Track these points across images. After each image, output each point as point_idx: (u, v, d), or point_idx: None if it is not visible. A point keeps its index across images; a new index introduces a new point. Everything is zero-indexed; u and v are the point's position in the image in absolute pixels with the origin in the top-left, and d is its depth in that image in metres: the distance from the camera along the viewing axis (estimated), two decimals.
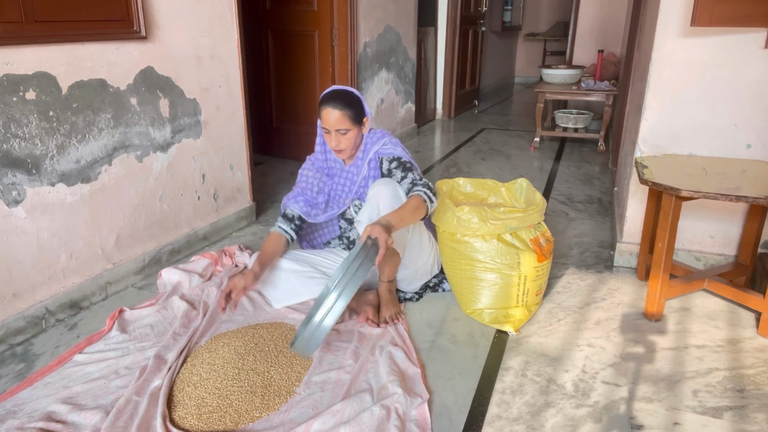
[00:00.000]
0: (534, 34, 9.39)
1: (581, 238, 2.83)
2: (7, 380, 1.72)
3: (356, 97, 2.03)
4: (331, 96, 1.99)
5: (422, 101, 5.66)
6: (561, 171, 4.11)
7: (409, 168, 2.05)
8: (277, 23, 4.07)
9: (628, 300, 2.22)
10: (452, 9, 5.76)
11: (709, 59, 2.15)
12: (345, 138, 2.01)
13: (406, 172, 2.04)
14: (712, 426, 1.53)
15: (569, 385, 1.70)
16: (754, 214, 2.17)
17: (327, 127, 2.00)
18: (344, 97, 1.99)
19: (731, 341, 1.93)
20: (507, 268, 1.96)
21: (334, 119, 1.97)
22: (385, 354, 1.79)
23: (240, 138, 2.91)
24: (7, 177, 1.83)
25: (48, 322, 2.01)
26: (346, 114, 1.97)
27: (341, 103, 1.97)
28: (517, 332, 1.98)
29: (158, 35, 2.32)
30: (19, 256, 1.91)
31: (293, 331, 1.94)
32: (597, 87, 4.59)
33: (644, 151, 2.34)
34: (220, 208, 2.84)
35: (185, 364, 1.74)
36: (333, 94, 2.01)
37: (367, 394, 1.59)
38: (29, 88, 1.86)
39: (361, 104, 2.04)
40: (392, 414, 1.51)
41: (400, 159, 2.06)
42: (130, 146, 2.27)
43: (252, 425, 1.50)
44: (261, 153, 4.37)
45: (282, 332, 1.93)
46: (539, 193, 2.15)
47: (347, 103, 1.98)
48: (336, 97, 1.98)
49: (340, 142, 2.01)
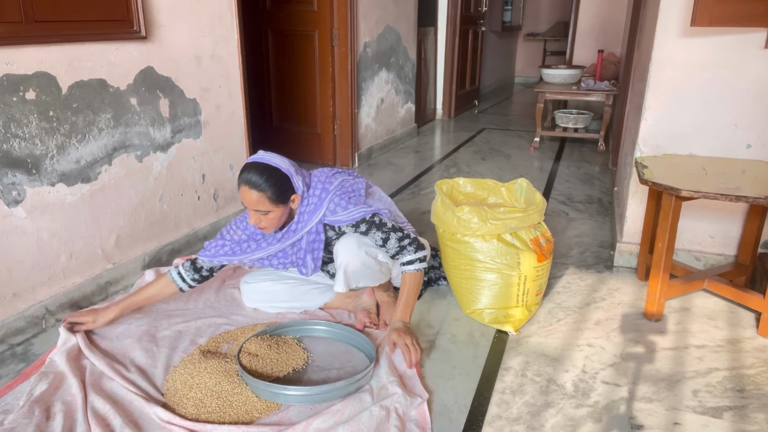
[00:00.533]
0: (534, 34, 9.39)
1: (581, 238, 2.83)
2: (7, 380, 1.72)
3: (280, 175, 1.71)
4: (252, 170, 1.69)
5: (422, 101, 5.66)
6: (561, 171, 4.11)
7: (380, 225, 1.82)
8: (277, 23, 4.07)
9: (628, 300, 2.22)
10: (452, 9, 5.76)
11: (709, 59, 2.15)
12: (266, 218, 1.74)
13: (384, 232, 1.82)
14: (712, 426, 1.53)
15: (569, 385, 1.70)
16: (754, 214, 2.17)
17: (244, 204, 1.73)
18: (265, 174, 1.68)
19: (731, 341, 1.93)
20: (507, 268, 1.96)
21: (251, 200, 1.70)
22: (385, 355, 1.79)
23: (240, 138, 2.91)
24: (7, 177, 1.83)
25: (48, 322, 2.01)
26: (265, 196, 1.68)
27: (262, 181, 1.68)
28: (517, 332, 1.98)
29: (158, 35, 2.32)
30: (19, 256, 1.91)
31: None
32: (597, 87, 4.59)
33: (644, 151, 2.34)
34: (220, 208, 2.84)
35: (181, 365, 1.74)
36: (254, 167, 1.70)
37: (366, 395, 1.59)
38: (29, 88, 1.86)
39: (287, 182, 1.73)
40: (392, 414, 1.51)
41: (365, 220, 1.81)
42: (130, 146, 2.27)
43: (251, 425, 1.50)
44: None
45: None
46: (539, 193, 2.15)
47: (267, 183, 1.68)
48: (257, 173, 1.68)
49: (260, 221, 1.75)
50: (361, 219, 1.81)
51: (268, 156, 1.75)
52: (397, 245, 1.85)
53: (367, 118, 4.37)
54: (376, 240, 1.84)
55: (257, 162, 1.73)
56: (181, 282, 1.90)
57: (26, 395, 1.58)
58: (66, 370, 1.67)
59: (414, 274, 1.86)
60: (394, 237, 1.84)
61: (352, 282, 1.87)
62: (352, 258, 1.81)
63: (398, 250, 1.85)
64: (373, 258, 1.85)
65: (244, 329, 1.95)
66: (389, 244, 1.84)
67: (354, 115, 4.12)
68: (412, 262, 1.86)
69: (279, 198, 1.72)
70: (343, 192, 1.84)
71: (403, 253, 1.86)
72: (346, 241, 1.82)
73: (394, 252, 1.86)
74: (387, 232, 1.84)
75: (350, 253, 1.81)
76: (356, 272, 1.84)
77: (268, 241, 1.88)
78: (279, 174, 1.72)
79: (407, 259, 1.86)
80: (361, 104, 4.24)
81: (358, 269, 1.84)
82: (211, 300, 2.18)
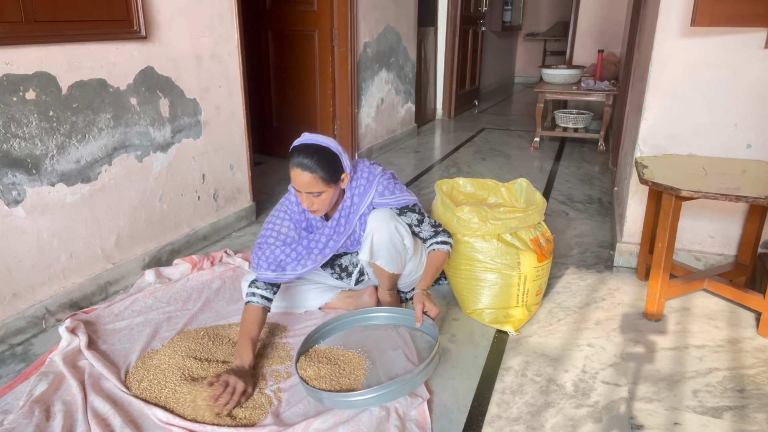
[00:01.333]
0: (534, 34, 9.39)
1: (581, 238, 2.83)
2: (7, 380, 1.72)
3: (331, 154, 1.73)
4: (303, 152, 1.70)
5: (422, 101, 5.67)
6: (561, 171, 4.11)
7: (420, 212, 1.92)
8: (277, 23, 4.08)
9: (628, 300, 2.22)
10: (452, 9, 5.77)
11: (710, 59, 2.15)
12: (318, 200, 1.75)
13: (421, 216, 1.92)
14: (712, 426, 1.53)
15: (569, 385, 1.70)
16: (754, 214, 2.17)
17: (296, 188, 1.74)
18: (316, 155, 1.70)
19: (731, 341, 1.93)
20: (507, 268, 1.96)
21: (305, 182, 1.70)
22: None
23: (240, 138, 2.91)
24: (7, 177, 1.83)
25: (48, 322, 2.01)
26: (318, 176, 1.70)
27: (314, 162, 1.69)
28: (517, 332, 1.98)
29: (158, 35, 2.32)
30: (19, 256, 1.91)
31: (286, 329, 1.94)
32: (597, 87, 4.59)
33: (644, 151, 2.33)
34: (220, 208, 2.84)
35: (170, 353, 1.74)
36: (305, 149, 1.71)
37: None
38: (29, 88, 1.86)
39: (337, 161, 1.75)
40: (392, 414, 1.51)
41: (407, 206, 1.90)
42: (130, 146, 2.27)
43: (252, 428, 1.50)
44: (261, 153, 4.36)
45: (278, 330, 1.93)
46: (539, 193, 2.15)
47: (319, 164, 1.69)
48: (308, 155, 1.69)
49: (312, 203, 1.76)
50: (405, 205, 1.90)
51: (315, 137, 1.77)
52: (432, 229, 1.94)
53: (367, 118, 4.37)
54: (412, 220, 1.92)
55: (306, 144, 1.74)
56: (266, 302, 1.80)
57: (26, 395, 1.58)
58: (65, 371, 1.67)
59: (444, 253, 1.91)
60: (428, 222, 1.94)
61: (375, 252, 1.88)
62: (382, 228, 1.84)
63: (432, 234, 1.94)
64: (399, 237, 1.89)
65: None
66: (423, 226, 1.93)
67: (354, 115, 4.12)
68: (444, 242, 1.93)
69: (331, 178, 1.74)
70: (388, 177, 1.93)
71: (437, 236, 1.94)
72: (380, 212, 1.87)
73: (427, 235, 1.93)
74: (423, 215, 1.94)
75: (382, 224, 1.85)
76: (381, 244, 1.86)
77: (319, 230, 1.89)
78: (329, 153, 1.74)
79: (440, 240, 1.93)
80: (361, 104, 4.24)
81: (384, 242, 1.85)
82: (212, 300, 2.17)
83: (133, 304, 2.10)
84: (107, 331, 1.95)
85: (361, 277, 2.15)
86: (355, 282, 2.15)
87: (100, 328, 1.96)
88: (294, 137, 1.83)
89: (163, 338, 1.90)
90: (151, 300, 2.14)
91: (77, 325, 1.89)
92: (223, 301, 2.17)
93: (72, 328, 1.86)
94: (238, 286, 2.26)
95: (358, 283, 2.16)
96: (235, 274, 2.38)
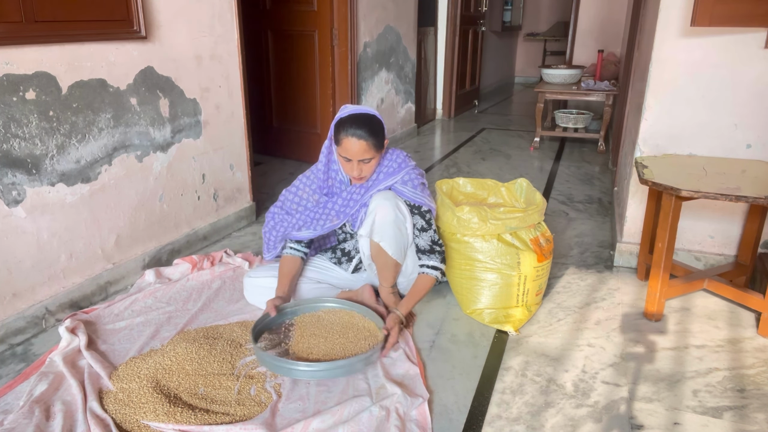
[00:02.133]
0: (534, 34, 9.39)
1: (581, 238, 2.83)
2: (7, 380, 1.72)
3: (379, 122, 1.86)
4: (354, 122, 1.80)
5: (422, 101, 5.67)
6: (561, 171, 4.11)
7: (429, 219, 1.95)
8: (277, 23, 4.08)
9: (628, 300, 2.22)
10: (452, 9, 5.77)
11: (710, 59, 2.15)
12: (367, 166, 1.87)
13: (427, 225, 1.94)
14: (712, 426, 1.53)
15: (569, 385, 1.70)
16: (754, 214, 2.17)
17: (349, 157, 1.83)
18: (368, 123, 1.81)
19: (731, 341, 1.93)
20: (507, 268, 1.96)
21: (359, 150, 1.80)
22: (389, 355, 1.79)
23: (240, 138, 2.91)
24: (7, 177, 1.83)
25: (48, 322, 2.01)
26: (371, 143, 1.81)
27: (366, 131, 1.79)
28: (517, 332, 1.98)
29: (158, 35, 2.32)
30: (19, 256, 1.91)
31: None
32: (597, 87, 4.59)
33: (644, 151, 2.34)
34: (220, 208, 2.84)
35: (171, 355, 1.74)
36: (355, 120, 1.81)
37: (365, 394, 1.60)
38: (29, 88, 1.86)
39: (383, 128, 1.87)
40: (392, 414, 1.51)
41: (420, 208, 1.94)
42: (130, 146, 2.27)
43: (249, 421, 1.50)
44: (261, 153, 4.37)
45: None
46: (539, 193, 2.15)
47: (372, 132, 1.80)
48: (360, 125, 1.79)
49: (362, 171, 1.87)
50: (419, 205, 1.94)
51: (358, 107, 1.87)
52: (430, 243, 1.95)
53: None
54: (416, 224, 1.94)
55: (355, 114, 1.83)
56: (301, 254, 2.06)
57: (26, 395, 1.58)
58: (65, 371, 1.67)
59: (431, 278, 1.95)
60: (431, 234, 1.95)
61: (376, 231, 1.88)
62: (387, 206, 1.87)
63: (428, 248, 1.95)
64: (403, 218, 1.90)
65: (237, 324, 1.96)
66: (424, 235, 1.94)
67: None
68: (435, 268, 1.95)
69: (380, 143, 1.85)
70: (418, 174, 1.98)
71: (431, 256, 1.95)
72: (384, 193, 1.91)
73: (424, 246, 1.95)
74: (430, 225, 1.95)
75: (386, 202, 1.88)
76: (383, 223, 1.87)
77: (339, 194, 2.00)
78: (377, 121, 1.85)
79: (432, 264, 1.95)
80: (361, 104, 4.24)
81: (387, 221, 1.87)
82: (212, 300, 2.17)
83: (133, 304, 2.10)
84: (107, 331, 1.95)
85: (359, 264, 2.15)
86: (353, 269, 2.16)
87: (100, 328, 1.96)
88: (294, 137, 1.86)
89: (163, 338, 1.90)
90: (151, 300, 2.14)
91: (77, 325, 1.89)
92: (224, 301, 2.17)
93: (72, 328, 1.86)
94: (239, 286, 2.26)
95: (356, 270, 2.16)
96: (235, 274, 2.38)
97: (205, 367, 1.70)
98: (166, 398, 1.56)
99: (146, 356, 1.76)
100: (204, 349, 1.78)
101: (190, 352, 1.75)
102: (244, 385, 1.64)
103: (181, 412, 1.50)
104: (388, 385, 1.62)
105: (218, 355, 1.76)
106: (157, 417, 1.48)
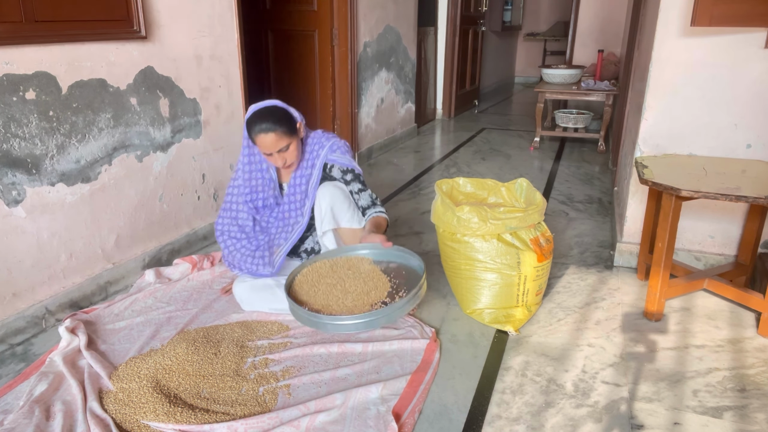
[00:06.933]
0: (534, 34, 9.39)
1: (581, 238, 2.83)
2: (7, 380, 1.72)
3: (282, 110, 1.94)
4: (259, 118, 1.89)
5: (422, 101, 5.66)
6: (561, 171, 4.11)
7: (363, 182, 2.11)
8: (277, 23, 4.08)
9: (628, 300, 2.22)
10: (452, 9, 5.76)
11: (710, 59, 2.15)
12: (288, 153, 1.96)
13: (362, 185, 2.09)
14: (713, 426, 1.53)
15: (569, 385, 1.70)
16: (754, 214, 2.17)
17: (266, 151, 1.93)
18: (272, 115, 1.90)
19: (731, 341, 1.93)
20: (507, 268, 1.96)
21: (272, 141, 1.90)
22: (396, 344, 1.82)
23: (240, 138, 2.90)
24: (7, 177, 1.83)
25: (48, 322, 2.01)
26: (281, 131, 1.89)
27: (271, 122, 1.88)
28: (517, 332, 1.98)
29: (158, 35, 2.32)
30: (19, 256, 1.90)
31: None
32: (597, 87, 4.59)
33: (644, 151, 2.33)
34: (219, 208, 2.84)
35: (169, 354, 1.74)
36: (260, 115, 1.90)
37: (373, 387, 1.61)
38: (29, 88, 1.86)
39: (288, 114, 1.95)
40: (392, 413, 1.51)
41: (354, 171, 2.09)
42: (130, 146, 2.27)
43: (256, 416, 1.49)
44: None
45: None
46: (539, 193, 2.15)
47: (277, 121, 1.89)
48: (264, 119, 1.88)
49: (285, 159, 1.97)
50: (351, 168, 2.09)
51: (260, 104, 1.96)
52: (370, 200, 2.10)
53: (367, 118, 4.37)
54: (353, 189, 2.09)
55: (257, 111, 1.92)
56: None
57: (26, 395, 1.58)
58: (65, 371, 1.67)
59: (385, 219, 2.09)
60: (369, 193, 2.11)
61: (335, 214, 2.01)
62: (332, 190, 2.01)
63: (370, 204, 2.09)
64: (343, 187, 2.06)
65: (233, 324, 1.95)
66: (364, 195, 2.09)
67: (354, 115, 4.12)
68: (383, 212, 2.11)
69: (290, 129, 1.93)
70: (343, 143, 2.12)
71: (374, 207, 2.10)
72: (324, 183, 2.06)
73: (366, 203, 2.09)
74: (365, 186, 2.12)
75: (323, 188, 2.03)
76: (337, 202, 2.00)
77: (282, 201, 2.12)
78: (280, 110, 1.94)
79: (378, 210, 2.09)
80: (361, 104, 4.24)
81: (339, 198, 2.00)
82: (212, 300, 2.17)
83: (133, 304, 2.10)
84: (107, 331, 1.94)
85: None
86: None
87: (100, 328, 1.96)
88: None
89: (163, 338, 1.90)
90: (151, 300, 2.14)
91: (77, 325, 1.89)
92: (224, 301, 2.17)
93: (72, 328, 1.86)
94: None
95: None
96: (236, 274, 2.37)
97: (205, 367, 1.70)
98: (166, 398, 1.56)
99: (146, 356, 1.76)
100: (204, 348, 1.78)
101: (190, 352, 1.75)
102: (252, 385, 1.64)
103: (181, 412, 1.50)
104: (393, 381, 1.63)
105: (219, 355, 1.76)
106: (157, 417, 1.48)
